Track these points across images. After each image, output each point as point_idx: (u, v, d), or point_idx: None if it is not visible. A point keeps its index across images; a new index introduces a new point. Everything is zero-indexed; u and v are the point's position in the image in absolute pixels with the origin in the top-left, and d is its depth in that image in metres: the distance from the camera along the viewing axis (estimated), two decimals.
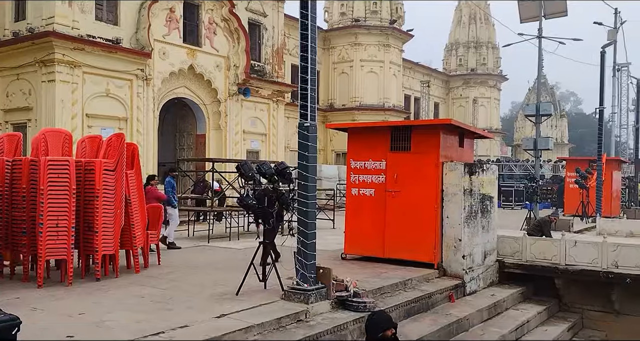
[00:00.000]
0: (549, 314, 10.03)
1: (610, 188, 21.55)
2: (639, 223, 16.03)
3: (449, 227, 9.54)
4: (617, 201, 23.13)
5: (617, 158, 24.57)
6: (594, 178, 19.82)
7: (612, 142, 30.34)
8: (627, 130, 37.63)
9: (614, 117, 31.48)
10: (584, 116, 75.00)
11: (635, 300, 9.97)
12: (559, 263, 10.30)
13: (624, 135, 38.86)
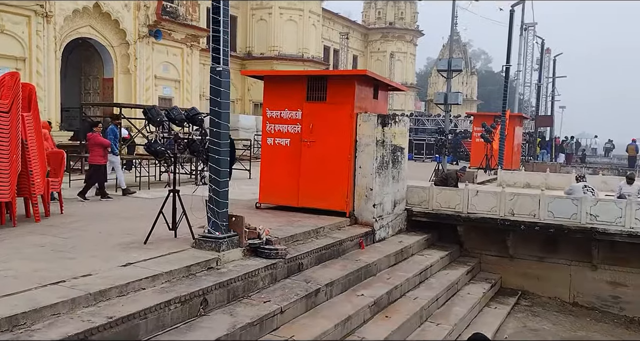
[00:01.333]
0: (451, 259, 10.68)
1: (512, 142, 22.94)
2: (535, 175, 17.24)
3: (361, 177, 9.76)
4: (518, 155, 24.71)
5: (519, 115, 26.03)
6: (497, 133, 20.97)
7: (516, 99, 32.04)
8: (530, 88, 39.86)
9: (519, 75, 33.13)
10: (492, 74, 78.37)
11: (527, 245, 10.84)
12: (462, 212, 10.91)
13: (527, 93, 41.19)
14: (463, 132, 32.87)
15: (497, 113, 22.79)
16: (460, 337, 7.86)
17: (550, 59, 38.58)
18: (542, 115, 33.34)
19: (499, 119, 21.42)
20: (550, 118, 33.06)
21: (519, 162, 24.41)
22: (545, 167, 20.47)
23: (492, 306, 9.65)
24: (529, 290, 10.76)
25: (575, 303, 10.45)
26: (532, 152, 28.88)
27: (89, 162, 10.75)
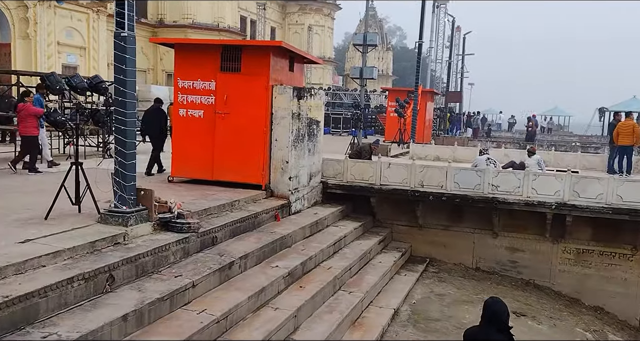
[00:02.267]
0: (364, 229, 10.98)
1: (424, 117, 23.74)
2: (444, 148, 17.99)
3: (277, 150, 9.72)
4: (429, 129, 25.66)
5: (431, 90, 26.95)
6: (410, 107, 21.60)
7: (428, 75, 33.13)
8: (441, 65, 41.31)
9: (432, 52, 34.21)
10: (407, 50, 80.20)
11: (435, 215, 11.35)
12: (375, 184, 11.21)
13: (439, 70, 42.68)
14: (379, 107, 33.61)
15: (410, 89, 23.42)
16: (371, 304, 8.16)
17: (461, 37, 40.06)
18: (452, 91, 34.73)
19: (412, 94, 22.04)
20: (460, 94, 34.52)
21: (430, 136, 25.36)
22: (454, 141, 21.40)
23: (402, 273, 10.07)
24: (436, 257, 11.32)
25: (478, 268, 11.14)
26: (443, 126, 30.07)
27: (21, 134, 9.99)
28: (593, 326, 9.39)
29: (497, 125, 40.96)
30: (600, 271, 10.53)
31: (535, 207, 10.34)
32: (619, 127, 13.93)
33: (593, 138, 32.79)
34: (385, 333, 7.40)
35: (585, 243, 10.61)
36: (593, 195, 10.05)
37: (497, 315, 4.43)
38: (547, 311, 9.41)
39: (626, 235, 10.26)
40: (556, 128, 44.46)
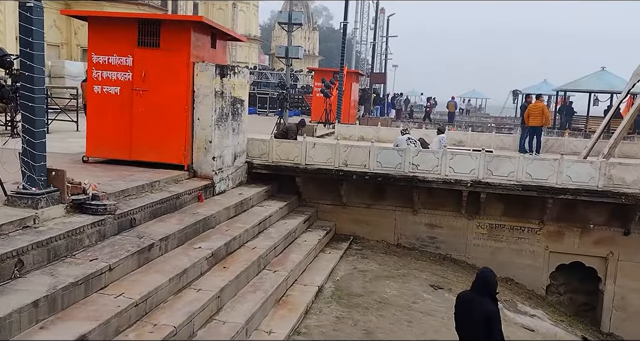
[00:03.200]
0: (290, 209, 11.03)
1: (349, 98, 23.99)
2: (368, 128, 18.31)
3: (199, 129, 9.50)
4: (354, 110, 25.97)
5: (356, 71, 27.25)
6: (336, 88, 21.75)
7: (353, 56, 33.41)
8: (366, 46, 41.78)
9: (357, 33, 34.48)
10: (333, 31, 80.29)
11: (359, 194, 11.59)
12: (300, 163, 11.25)
13: (364, 51, 43.15)
14: (305, 87, 33.61)
15: (336, 70, 23.55)
16: (296, 282, 8.25)
17: (385, 19, 40.63)
18: (377, 73, 35.27)
19: (338, 75, 22.18)
20: (384, 75, 35.12)
21: (356, 116, 25.70)
22: (378, 121, 21.83)
23: (326, 251, 10.23)
24: (360, 235, 11.59)
25: (399, 244, 11.53)
26: (368, 107, 30.54)
27: None
28: (504, 296, 9.99)
29: (419, 106, 42.14)
30: (511, 244, 11.21)
31: (452, 185, 10.79)
32: (529, 109, 14.74)
33: (507, 119, 34.58)
34: (309, 309, 7.51)
35: (497, 219, 11.23)
36: (505, 173, 10.61)
37: (486, 282, 5.27)
38: (462, 283, 9.89)
39: (534, 210, 10.95)
40: (474, 110, 46.48)
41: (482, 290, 5.25)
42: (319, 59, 59.51)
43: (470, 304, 5.28)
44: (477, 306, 5.19)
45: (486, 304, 5.17)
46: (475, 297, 5.24)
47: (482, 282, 5.29)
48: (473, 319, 5.23)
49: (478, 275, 5.40)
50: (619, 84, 20.96)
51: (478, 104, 51.27)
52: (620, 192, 10.09)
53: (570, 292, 11.37)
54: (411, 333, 7.21)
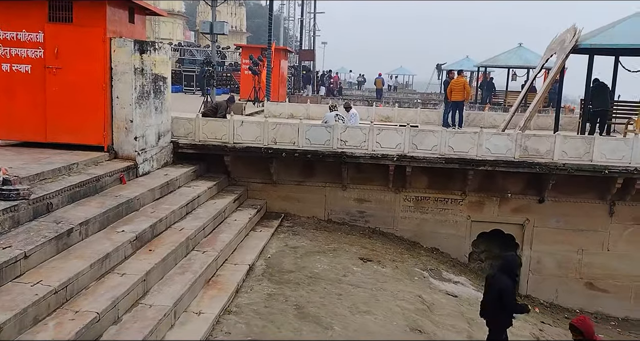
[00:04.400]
0: (219, 188, 10.87)
1: (278, 75, 23.77)
2: (298, 106, 18.25)
3: (119, 108, 9.13)
4: (284, 87, 25.80)
5: (284, 48, 26.99)
6: (264, 65, 21.46)
7: (281, 33, 33.04)
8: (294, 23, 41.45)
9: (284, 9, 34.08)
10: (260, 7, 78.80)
11: (289, 171, 11.59)
12: (228, 142, 11.08)
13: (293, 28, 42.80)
14: (233, 65, 32.90)
15: (264, 46, 23.20)
16: (226, 262, 8.20)
17: None
18: (305, 50, 35.12)
19: (266, 52, 21.87)
20: (312, 52, 35.00)
21: (286, 94, 25.55)
22: (308, 99, 21.81)
23: (257, 230, 10.21)
24: (291, 212, 11.63)
25: (330, 220, 11.68)
26: (298, 84, 30.45)
27: None
28: (430, 265, 10.42)
29: (348, 83, 42.50)
30: (436, 215, 11.63)
31: (379, 160, 11.00)
32: (451, 84, 15.20)
33: (433, 95, 35.53)
34: (240, 288, 7.50)
35: (422, 191, 11.59)
36: (429, 147, 10.93)
37: (509, 265, 6.30)
38: (390, 255, 10.22)
39: (457, 182, 11.39)
40: (401, 86, 47.44)
41: (504, 269, 6.29)
42: (247, 36, 58.29)
43: (491, 281, 6.33)
44: (494, 283, 6.20)
45: (503, 280, 6.14)
46: (496, 274, 6.29)
47: (504, 263, 6.36)
48: (490, 294, 6.26)
49: (502, 257, 6.57)
50: (534, 59, 21.95)
51: (405, 81, 52.35)
52: (534, 162, 10.66)
53: (491, 258, 11.96)
54: (342, 306, 7.37)
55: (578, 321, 5.39)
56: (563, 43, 12.62)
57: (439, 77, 37.98)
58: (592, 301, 11.40)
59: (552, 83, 13.33)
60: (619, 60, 13.57)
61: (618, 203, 11.07)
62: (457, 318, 8.11)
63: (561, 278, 11.45)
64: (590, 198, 11.19)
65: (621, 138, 11.33)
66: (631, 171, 10.37)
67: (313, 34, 39.60)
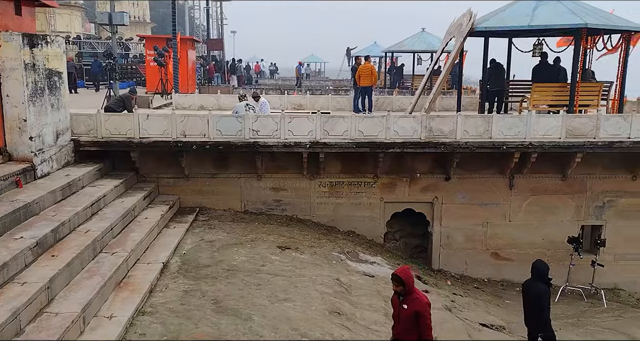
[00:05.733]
0: (127, 186, 10.45)
1: (186, 66, 23.10)
2: (208, 97, 17.86)
3: (10, 107, 8.52)
4: (193, 79, 25.12)
5: (191, 38, 26.22)
6: (171, 56, 20.77)
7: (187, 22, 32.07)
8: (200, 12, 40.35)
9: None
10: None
11: (201, 164, 11.36)
12: (134, 137, 10.65)
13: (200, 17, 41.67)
14: (138, 57, 31.58)
15: (169, 36, 22.43)
16: (139, 261, 7.93)
17: None
18: (214, 39, 34.36)
19: (171, 42, 21.16)
20: (221, 42, 34.30)
21: (195, 85, 24.92)
22: (218, 89, 21.40)
23: (171, 226, 9.93)
24: (206, 206, 11.42)
25: (247, 211, 11.60)
26: (207, 75, 29.74)
27: None
28: (347, 248, 10.64)
29: (260, 72, 42.14)
30: (351, 199, 11.88)
31: (292, 148, 11.03)
32: (359, 70, 15.47)
33: (345, 81, 36.01)
34: (154, 288, 7.28)
35: (336, 176, 11.78)
36: (340, 132, 11.10)
37: (541, 272, 6.96)
38: (308, 241, 10.32)
39: (368, 165, 11.67)
40: (314, 74, 47.73)
41: (536, 276, 6.98)
42: (152, 26, 56.13)
43: (528, 288, 7.01)
44: (532, 290, 6.93)
45: (538, 286, 6.88)
46: (532, 283, 6.98)
47: (535, 271, 7.02)
48: (529, 300, 6.97)
49: (532, 265, 7.12)
50: (437, 43, 22.79)
51: (317, 68, 52.68)
52: (440, 142, 11.13)
53: (404, 237, 12.44)
54: (260, 295, 7.36)
55: (402, 271, 5.45)
56: (460, 27, 13.18)
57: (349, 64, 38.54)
58: (498, 270, 12.17)
59: (452, 66, 13.92)
60: (512, 42, 14.41)
61: (517, 177, 11.83)
62: (374, 297, 8.36)
63: (469, 251, 12.12)
64: (491, 173, 11.87)
65: (517, 115, 12.06)
66: (526, 145, 11.09)
67: (221, 23, 38.79)
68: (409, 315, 5.34)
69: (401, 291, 5.42)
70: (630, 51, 12.98)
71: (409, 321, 5.35)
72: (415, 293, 5.43)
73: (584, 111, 12.94)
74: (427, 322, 5.33)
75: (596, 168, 11.90)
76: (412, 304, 5.35)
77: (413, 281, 5.46)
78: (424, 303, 5.39)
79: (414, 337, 5.37)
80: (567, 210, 12.09)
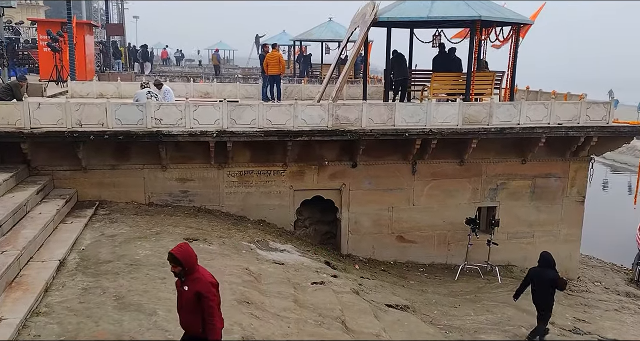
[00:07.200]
0: (18, 180, 9.74)
1: (83, 52, 21.79)
2: (108, 84, 16.99)
3: None
4: (91, 65, 23.75)
5: (88, 22, 24.77)
6: (65, 41, 19.48)
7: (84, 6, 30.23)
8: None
9: None
10: None
11: (100, 155, 10.81)
12: (24, 127, 9.93)
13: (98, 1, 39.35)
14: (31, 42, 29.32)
15: (64, 20, 21.01)
16: (32, 260, 7.43)
17: None
18: (114, 24, 32.64)
19: (66, 27, 19.84)
20: (121, 27, 32.65)
21: (94, 72, 23.60)
22: (118, 76, 20.42)
23: (68, 221, 9.39)
24: (107, 199, 10.91)
25: (151, 203, 11.21)
26: (108, 61, 28.26)
27: None
28: (257, 237, 10.59)
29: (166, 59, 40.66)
30: (260, 188, 11.83)
31: (198, 137, 10.78)
32: (267, 58, 15.37)
33: (254, 70, 35.64)
34: (50, 286, 6.87)
35: (246, 165, 11.68)
36: (248, 121, 10.99)
37: (551, 261, 8.51)
38: (217, 232, 10.16)
39: (277, 154, 11.67)
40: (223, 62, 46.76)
41: (545, 264, 8.51)
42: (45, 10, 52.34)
43: (540, 274, 8.49)
44: (544, 275, 8.44)
45: (550, 273, 8.44)
46: (542, 270, 8.50)
47: (544, 260, 8.54)
48: (543, 284, 8.42)
49: (540, 255, 8.65)
50: (344, 32, 23.14)
51: (226, 56, 51.69)
52: (346, 129, 11.34)
53: (314, 224, 12.61)
54: (166, 289, 7.16)
55: (178, 249, 4.77)
56: (364, 17, 13.45)
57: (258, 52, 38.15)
58: (403, 252, 12.68)
59: (356, 55, 14.18)
60: (414, 33, 14.92)
61: (419, 162, 12.34)
62: (284, 284, 8.40)
63: (376, 235, 12.52)
64: (396, 159, 12.29)
65: (418, 103, 12.55)
66: (427, 132, 11.58)
67: (121, 7, 36.87)
68: (190, 297, 4.70)
69: (180, 272, 4.74)
70: (520, 42, 13.90)
71: (191, 304, 4.71)
72: (198, 272, 4.78)
73: (480, 99, 13.71)
74: (209, 303, 4.67)
75: (490, 153, 12.66)
76: (192, 284, 4.70)
77: (194, 260, 4.78)
78: (206, 283, 4.71)
79: (198, 321, 4.74)
80: (465, 193, 12.80)
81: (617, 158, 35.06)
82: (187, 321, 4.82)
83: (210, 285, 4.73)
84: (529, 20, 13.84)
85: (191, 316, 4.75)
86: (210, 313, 4.67)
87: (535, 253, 13.23)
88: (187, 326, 4.86)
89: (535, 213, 13.27)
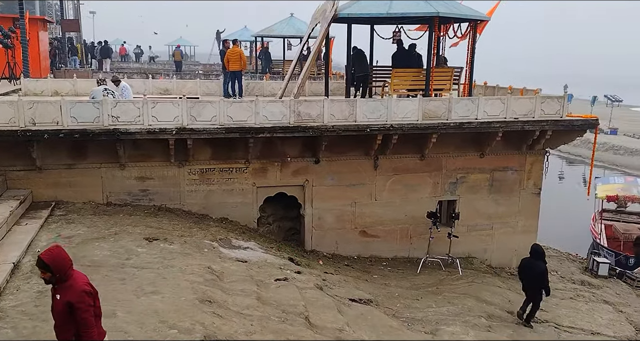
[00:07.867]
0: None
1: (37, 48, 21.13)
2: (64, 82, 16.52)
3: None
4: (46, 62, 23.04)
5: (42, 18, 24.01)
6: (18, 38, 18.82)
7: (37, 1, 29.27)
8: None
9: None
10: None
11: (55, 154, 10.51)
12: None
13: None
14: None
15: (16, 16, 20.29)
16: None
17: None
18: (69, 20, 31.71)
19: (18, 22, 19.16)
20: (77, 23, 31.76)
21: (49, 69, 22.92)
22: (74, 73, 19.87)
23: (22, 223, 9.11)
24: (63, 199, 10.62)
25: (110, 202, 10.97)
26: (64, 59, 27.44)
27: None
28: (219, 235, 10.50)
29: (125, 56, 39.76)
30: (222, 186, 11.73)
31: (157, 134, 10.60)
32: (228, 54, 15.21)
33: (216, 66, 35.23)
34: (4, 290, 6.66)
35: (207, 163, 11.56)
36: (208, 118, 10.86)
37: (541, 253, 9.23)
38: (178, 231, 10.02)
39: (239, 151, 11.58)
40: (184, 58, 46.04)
41: (536, 256, 9.22)
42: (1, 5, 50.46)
43: (531, 265, 9.21)
44: (535, 267, 9.17)
45: (541, 265, 9.16)
46: (534, 261, 9.21)
47: (535, 252, 9.27)
48: (535, 275, 9.15)
49: (532, 248, 9.40)
50: (305, 28, 23.09)
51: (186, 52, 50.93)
52: (308, 126, 11.33)
53: (278, 221, 12.59)
54: (125, 290, 7.04)
55: (47, 253, 4.20)
56: (325, 13, 13.45)
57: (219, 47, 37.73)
58: (366, 247, 12.80)
59: (317, 51, 14.18)
60: (374, 29, 15.02)
61: (381, 158, 12.46)
62: (246, 282, 8.36)
63: (340, 230, 12.59)
64: (358, 155, 12.38)
65: (379, 99, 12.64)
66: (388, 128, 11.69)
67: (77, 3, 35.85)
68: (61, 308, 4.19)
69: (51, 279, 4.20)
70: (477, 39, 14.16)
71: (64, 315, 4.19)
72: (72, 279, 4.23)
73: (439, 95, 13.92)
74: (82, 315, 4.14)
75: (450, 147, 12.89)
76: (63, 293, 4.18)
77: (68, 265, 4.22)
78: (78, 292, 4.16)
79: (70, 334, 4.23)
80: (426, 188, 13.00)
81: (572, 151, 36.26)
82: (59, 333, 4.31)
83: (84, 294, 4.18)
84: (485, 17, 14.11)
85: (64, 328, 4.25)
86: (85, 324, 4.17)
87: (494, 244, 13.72)
88: (59, 338, 4.35)
89: (494, 206, 13.59)
